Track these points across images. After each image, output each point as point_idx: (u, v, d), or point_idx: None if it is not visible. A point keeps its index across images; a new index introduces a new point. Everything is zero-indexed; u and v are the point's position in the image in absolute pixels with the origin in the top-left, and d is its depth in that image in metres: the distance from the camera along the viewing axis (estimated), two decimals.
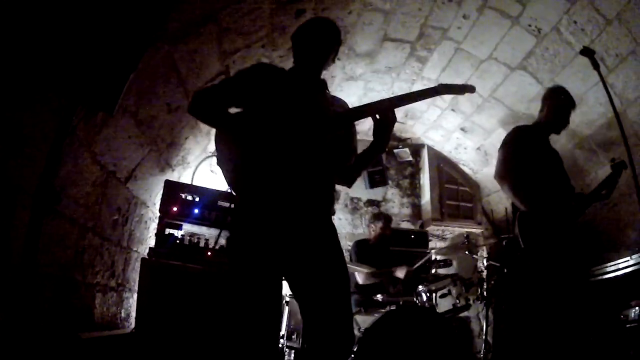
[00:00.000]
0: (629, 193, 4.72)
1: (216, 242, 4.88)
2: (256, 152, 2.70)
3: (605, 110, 5.39)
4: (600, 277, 5.23)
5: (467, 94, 3.00)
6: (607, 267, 5.19)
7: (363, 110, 2.94)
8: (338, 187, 8.59)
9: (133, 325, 4.68)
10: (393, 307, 5.22)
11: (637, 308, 4.38)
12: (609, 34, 4.93)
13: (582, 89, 5.12)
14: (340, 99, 3.26)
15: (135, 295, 5.12)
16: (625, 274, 4.92)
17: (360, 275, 6.31)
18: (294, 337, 5.85)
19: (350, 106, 3.16)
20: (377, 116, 2.83)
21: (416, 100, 2.99)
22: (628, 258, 4.91)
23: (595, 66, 3.99)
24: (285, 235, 2.71)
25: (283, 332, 6.09)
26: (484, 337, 5.70)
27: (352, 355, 4.50)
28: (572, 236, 4.66)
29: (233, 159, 2.78)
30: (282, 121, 2.73)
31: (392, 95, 3.09)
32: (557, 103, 4.85)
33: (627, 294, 4.72)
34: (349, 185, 3.25)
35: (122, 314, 5.06)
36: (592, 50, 3.99)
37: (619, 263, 5.05)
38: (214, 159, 4.59)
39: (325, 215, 2.91)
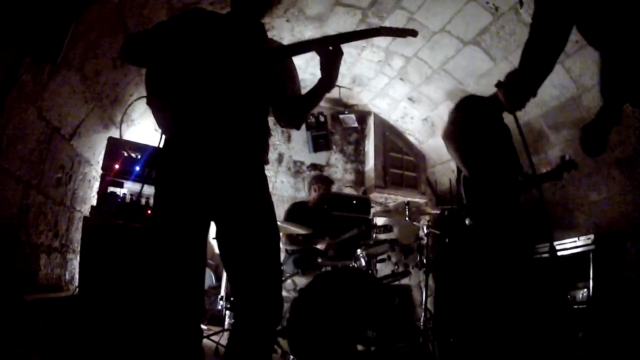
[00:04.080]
0: (579, 177, 4.84)
1: (139, 196, 4.84)
2: (186, 91, 2.58)
3: (559, 93, 5.46)
4: (545, 255, 5.35)
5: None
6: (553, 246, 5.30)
7: (304, 44, 2.81)
8: (282, 150, 8.54)
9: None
10: (329, 269, 5.26)
11: (585, 290, 4.51)
12: None
13: None
14: (279, 42, 3.11)
15: (79, 257, 5.02)
16: (572, 254, 5.04)
17: (282, 238, 6.28)
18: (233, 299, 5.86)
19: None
20: (324, 49, 2.65)
21: (357, 39, 2.86)
22: (575, 239, 5.02)
23: None
24: (211, 180, 2.58)
25: (222, 294, 6.09)
26: (421, 305, 5.77)
27: (287, 316, 4.58)
28: (516, 209, 4.73)
29: (162, 98, 2.67)
30: (213, 60, 2.61)
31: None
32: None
33: (573, 275, 4.85)
34: (297, 126, 3.15)
35: (67, 276, 4.96)
36: None
37: (565, 243, 5.18)
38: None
39: (256, 162, 2.79)
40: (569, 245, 5.13)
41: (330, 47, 2.63)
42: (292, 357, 4.58)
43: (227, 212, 2.63)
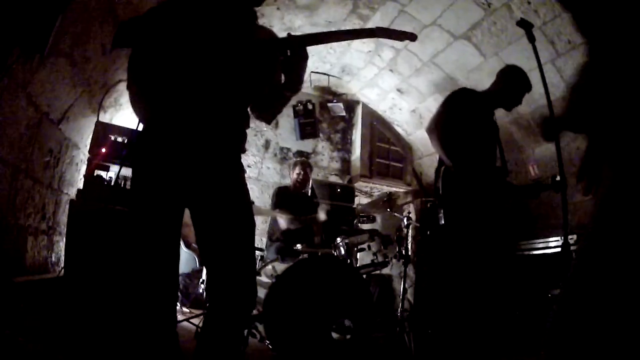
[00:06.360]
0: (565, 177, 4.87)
1: (119, 178, 4.84)
2: (169, 75, 2.56)
3: (549, 91, 5.50)
4: (528, 252, 5.42)
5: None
6: (535, 243, 5.39)
7: (273, 42, 2.78)
8: (269, 136, 8.55)
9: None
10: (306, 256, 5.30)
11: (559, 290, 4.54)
12: (564, 21, 5.00)
13: (526, 68, 5.15)
14: (269, 29, 3.03)
15: (64, 239, 5.03)
16: (555, 253, 5.09)
17: (282, 221, 6.29)
18: None
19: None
20: (288, 52, 2.65)
21: (351, 38, 2.87)
22: (559, 238, 5.03)
23: (531, 39, 3.98)
24: (188, 167, 2.57)
25: (204, 277, 6.11)
26: (400, 295, 5.80)
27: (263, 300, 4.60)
28: (498, 204, 4.77)
29: (143, 82, 2.63)
30: (201, 45, 2.58)
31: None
32: (515, 82, 4.91)
33: (555, 274, 4.90)
34: (268, 121, 3.13)
35: (53, 258, 4.96)
36: (530, 23, 4.02)
37: (548, 241, 5.23)
38: None
39: (234, 151, 2.78)
40: (553, 243, 5.17)
41: (289, 52, 2.64)
42: (267, 342, 4.61)
43: (202, 200, 2.64)
